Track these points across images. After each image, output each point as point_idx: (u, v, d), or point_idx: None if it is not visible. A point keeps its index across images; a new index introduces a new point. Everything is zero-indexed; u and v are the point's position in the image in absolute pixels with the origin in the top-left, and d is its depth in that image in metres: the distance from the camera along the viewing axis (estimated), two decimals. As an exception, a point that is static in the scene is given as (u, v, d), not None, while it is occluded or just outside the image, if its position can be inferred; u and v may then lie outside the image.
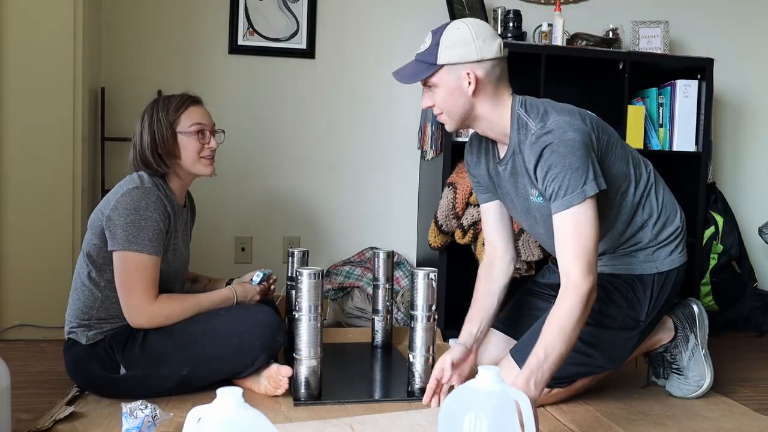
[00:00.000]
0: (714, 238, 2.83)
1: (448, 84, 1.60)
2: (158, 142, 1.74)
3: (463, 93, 1.60)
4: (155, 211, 1.67)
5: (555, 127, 1.55)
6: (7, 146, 2.33)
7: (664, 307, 1.75)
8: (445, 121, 1.68)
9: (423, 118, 2.68)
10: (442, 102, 1.63)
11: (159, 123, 1.75)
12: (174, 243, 1.77)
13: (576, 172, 1.50)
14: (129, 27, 2.70)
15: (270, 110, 2.82)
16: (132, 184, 1.69)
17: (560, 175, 1.51)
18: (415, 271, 1.74)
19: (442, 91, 1.62)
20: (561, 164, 1.51)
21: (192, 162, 1.79)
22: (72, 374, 1.74)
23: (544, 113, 1.61)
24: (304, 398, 1.67)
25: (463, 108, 1.63)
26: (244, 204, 2.83)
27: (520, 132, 1.63)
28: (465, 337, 1.75)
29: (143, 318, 1.67)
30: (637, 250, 1.73)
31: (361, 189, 2.91)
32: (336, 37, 2.85)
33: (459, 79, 1.59)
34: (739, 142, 3.18)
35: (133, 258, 1.65)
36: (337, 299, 2.73)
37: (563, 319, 1.44)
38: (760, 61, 3.16)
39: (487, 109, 1.64)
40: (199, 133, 1.78)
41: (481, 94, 1.62)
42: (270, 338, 1.72)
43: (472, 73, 1.58)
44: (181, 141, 1.77)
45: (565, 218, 1.51)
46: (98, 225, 1.70)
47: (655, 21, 2.85)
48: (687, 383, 1.82)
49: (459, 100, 1.61)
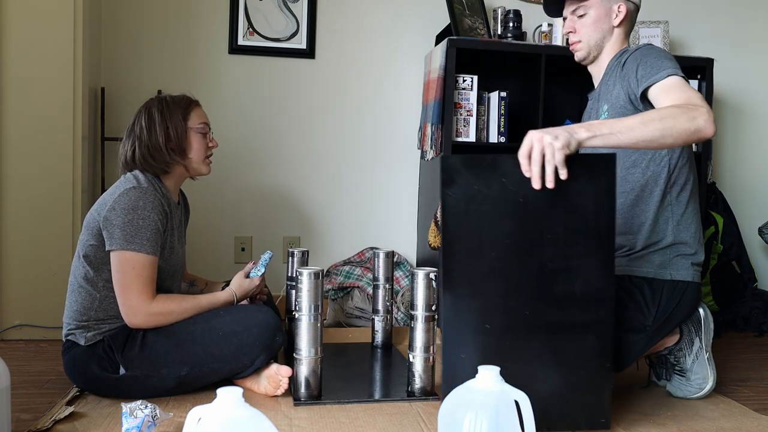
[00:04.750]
0: (714, 238, 2.83)
1: (600, 11, 1.79)
2: (172, 137, 1.77)
3: (609, 22, 1.80)
4: (153, 210, 1.67)
5: (650, 45, 1.72)
6: (7, 146, 2.33)
7: (673, 317, 1.72)
8: (578, 49, 1.84)
9: (423, 118, 2.68)
10: (586, 28, 1.80)
11: (173, 118, 1.77)
12: (171, 241, 1.77)
13: (671, 61, 1.63)
14: (129, 27, 2.70)
15: (270, 110, 2.83)
16: (129, 184, 1.69)
17: (655, 60, 1.63)
18: (415, 271, 1.74)
19: (590, 17, 1.79)
20: (656, 55, 1.65)
21: (199, 160, 1.83)
22: (71, 375, 1.74)
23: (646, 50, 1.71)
24: (304, 398, 1.67)
25: (601, 37, 1.81)
26: (244, 204, 2.83)
27: (615, 61, 1.78)
28: None
29: (140, 318, 1.67)
30: (657, 250, 1.72)
31: (361, 189, 2.91)
32: (336, 37, 2.85)
33: (611, 9, 1.79)
34: (739, 142, 3.18)
35: (131, 257, 1.65)
36: (337, 299, 2.73)
37: (655, 112, 1.49)
38: (760, 61, 3.16)
39: (614, 46, 1.81)
40: (204, 132, 1.83)
41: (619, 29, 1.81)
42: (269, 338, 1.72)
43: (624, 6, 1.79)
44: (191, 137, 1.80)
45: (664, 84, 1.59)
46: (95, 226, 1.70)
47: (655, 21, 2.85)
48: (689, 385, 1.81)
49: (602, 28, 1.80)
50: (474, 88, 2.55)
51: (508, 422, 1.15)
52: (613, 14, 1.79)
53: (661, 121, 1.44)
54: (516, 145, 1.40)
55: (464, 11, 2.66)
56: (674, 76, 1.58)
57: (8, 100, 2.33)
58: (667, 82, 1.58)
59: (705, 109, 1.47)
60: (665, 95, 1.56)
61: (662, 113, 1.47)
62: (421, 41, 2.88)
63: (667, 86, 1.58)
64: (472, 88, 2.55)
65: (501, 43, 2.58)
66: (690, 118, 1.45)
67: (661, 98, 1.57)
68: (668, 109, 1.48)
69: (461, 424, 1.13)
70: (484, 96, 2.61)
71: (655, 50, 1.68)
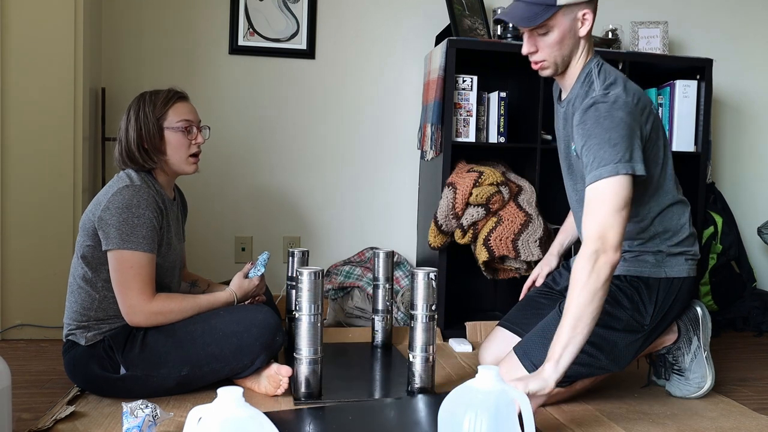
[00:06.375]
0: (713, 237, 2.84)
1: (563, 27, 1.59)
2: (144, 137, 1.74)
3: (575, 35, 1.61)
4: (147, 208, 1.67)
5: (613, 99, 1.54)
6: (8, 146, 2.34)
7: (669, 314, 1.74)
8: (545, 68, 1.67)
9: (423, 118, 2.68)
10: (550, 47, 1.61)
11: (146, 118, 1.75)
12: (168, 237, 1.77)
13: (614, 148, 1.49)
14: (129, 27, 2.71)
15: (270, 110, 2.83)
16: (122, 183, 1.69)
17: (596, 147, 1.51)
18: (415, 271, 1.75)
19: (554, 35, 1.60)
20: (601, 137, 1.50)
21: (179, 160, 1.79)
22: (72, 375, 1.74)
23: (612, 83, 1.59)
24: (304, 398, 1.68)
25: (570, 51, 1.63)
26: (244, 204, 2.83)
27: (583, 87, 1.63)
28: (557, 246, 2.06)
29: (140, 316, 1.67)
30: (649, 252, 1.73)
31: (361, 189, 2.91)
32: (336, 37, 2.86)
33: (575, 20, 1.59)
34: (738, 142, 3.18)
35: (128, 256, 1.64)
36: (337, 299, 2.73)
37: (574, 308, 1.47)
38: (760, 61, 3.16)
39: (582, 56, 1.65)
40: (186, 129, 1.79)
41: (586, 37, 1.63)
42: (269, 338, 1.72)
43: (589, 12, 1.59)
44: (168, 137, 1.77)
45: (594, 188, 1.51)
46: (90, 226, 1.69)
47: (655, 21, 2.85)
48: (688, 384, 1.82)
49: (568, 43, 1.61)
50: (474, 89, 2.55)
51: (508, 422, 1.15)
52: (578, 24, 1.60)
53: (588, 307, 1.47)
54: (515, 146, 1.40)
55: (464, 12, 2.66)
56: (605, 181, 1.50)
57: (9, 101, 2.33)
58: (598, 188, 1.51)
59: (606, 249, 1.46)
60: (587, 205, 1.53)
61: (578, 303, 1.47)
62: (421, 41, 2.88)
63: (592, 198, 1.52)
64: (471, 89, 2.55)
65: (501, 43, 2.58)
66: (596, 280, 1.46)
67: (586, 209, 1.53)
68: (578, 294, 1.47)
69: (461, 424, 1.14)
70: (484, 96, 2.61)
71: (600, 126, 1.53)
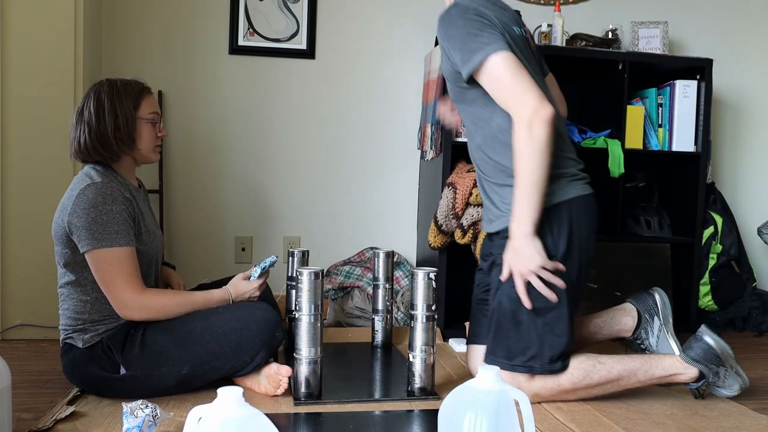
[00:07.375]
0: (713, 237, 2.84)
1: None
2: (121, 125, 1.72)
3: None
4: (114, 203, 1.65)
5: (464, 6, 1.66)
6: (8, 146, 2.34)
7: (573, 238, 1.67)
8: None
9: (423, 118, 2.68)
10: None
11: (122, 106, 1.73)
12: (145, 224, 1.76)
13: (476, 37, 1.59)
14: (130, 27, 2.71)
15: (270, 110, 2.83)
16: (83, 183, 1.67)
17: (460, 43, 1.61)
18: (415, 271, 1.75)
19: None
20: (460, 32, 1.61)
21: (147, 149, 1.80)
22: (70, 377, 1.74)
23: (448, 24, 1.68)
24: (304, 398, 1.68)
25: None
26: (245, 204, 2.83)
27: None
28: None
29: (134, 310, 1.66)
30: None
31: (361, 189, 2.91)
32: (336, 37, 2.86)
33: None
34: (738, 142, 3.18)
35: (105, 254, 1.63)
36: (337, 299, 2.73)
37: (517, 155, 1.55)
38: (759, 61, 3.17)
39: None
40: (153, 121, 1.80)
41: None
42: (269, 334, 1.72)
43: None
44: (140, 127, 1.76)
45: (481, 77, 1.60)
46: (62, 233, 1.67)
47: (655, 21, 2.85)
48: None
49: None
50: (474, 89, 2.55)
51: (508, 422, 1.15)
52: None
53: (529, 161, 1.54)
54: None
55: (464, 11, 2.66)
56: (485, 64, 1.58)
57: (9, 100, 2.33)
58: (485, 73, 1.60)
59: (529, 101, 1.54)
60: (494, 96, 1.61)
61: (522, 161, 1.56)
62: (421, 41, 2.88)
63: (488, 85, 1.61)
64: (471, 89, 2.55)
65: (500, 43, 2.58)
66: (539, 141, 1.53)
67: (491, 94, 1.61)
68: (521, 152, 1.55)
69: (461, 424, 1.14)
70: (484, 96, 2.61)
71: (454, 26, 1.64)
